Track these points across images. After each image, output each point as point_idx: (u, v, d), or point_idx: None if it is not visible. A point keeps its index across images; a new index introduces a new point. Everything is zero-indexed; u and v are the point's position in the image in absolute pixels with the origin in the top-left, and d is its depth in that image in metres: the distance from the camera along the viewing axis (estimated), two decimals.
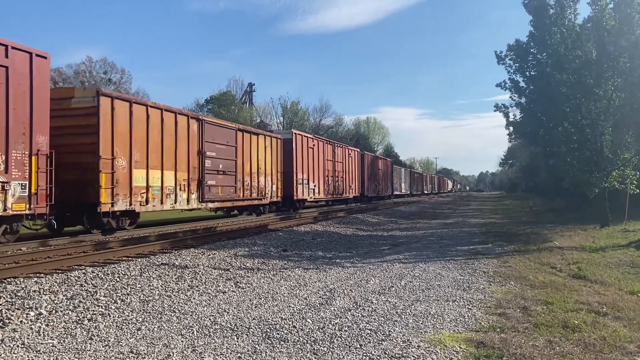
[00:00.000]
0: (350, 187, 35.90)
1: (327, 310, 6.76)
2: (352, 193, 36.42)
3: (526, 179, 63.74)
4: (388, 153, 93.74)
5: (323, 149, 30.14)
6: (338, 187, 32.83)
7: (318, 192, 28.95)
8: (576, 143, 18.52)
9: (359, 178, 38.44)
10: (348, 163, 35.24)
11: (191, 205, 17.11)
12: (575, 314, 6.62)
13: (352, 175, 36.26)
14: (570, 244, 14.40)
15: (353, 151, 37.33)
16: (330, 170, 31.33)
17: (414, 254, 12.55)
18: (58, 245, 11.72)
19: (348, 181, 35.21)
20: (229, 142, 19.59)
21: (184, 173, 16.63)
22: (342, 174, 33.75)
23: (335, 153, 32.56)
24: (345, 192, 34.62)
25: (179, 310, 6.63)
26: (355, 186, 37.41)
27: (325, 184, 30.18)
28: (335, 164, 32.38)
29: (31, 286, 7.14)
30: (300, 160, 26.47)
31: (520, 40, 19.85)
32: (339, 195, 33.06)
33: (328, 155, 31.08)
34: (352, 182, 36.36)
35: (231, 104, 60.63)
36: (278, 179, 24.16)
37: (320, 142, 29.88)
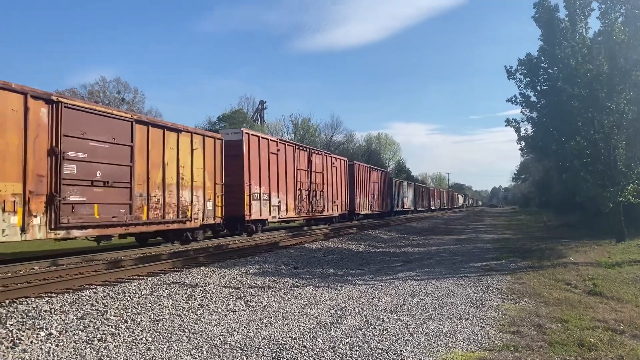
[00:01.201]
0: (335, 203, 30.20)
1: (338, 329, 6.68)
2: (337, 210, 30.84)
3: (539, 194, 63.07)
4: (400, 169, 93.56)
5: (293, 155, 24.48)
6: (316, 203, 27.03)
7: (286, 209, 23.24)
8: (589, 157, 18.35)
9: (346, 192, 32.65)
10: (331, 174, 29.73)
11: (32, 235, 10.90)
12: (592, 332, 6.48)
13: (336, 189, 30.63)
14: (585, 260, 14.18)
15: (338, 160, 31.68)
16: (304, 182, 25.69)
17: (426, 271, 12.42)
18: (70, 265, 11.76)
19: (331, 196, 29.55)
20: (119, 139, 13.60)
21: (15, 184, 10.56)
22: (322, 187, 27.98)
23: (312, 162, 26.91)
24: (327, 209, 28.85)
25: (189, 330, 6.60)
26: (342, 202, 31.78)
27: (297, 200, 24.50)
28: (313, 174, 26.76)
29: (42, 306, 7.15)
30: (256, 168, 20.68)
31: (531, 55, 19.82)
32: (317, 213, 27.34)
33: (301, 164, 25.40)
34: (337, 197, 30.74)
35: (243, 122, 61.03)
36: (217, 193, 18.02)
37: (288, 146, 24.34)
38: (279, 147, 23.10)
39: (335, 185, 30.42)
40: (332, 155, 30.94)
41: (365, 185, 37.56)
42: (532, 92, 20.06)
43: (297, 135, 66.33)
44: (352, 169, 34.64)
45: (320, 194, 27.78)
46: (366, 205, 37.78)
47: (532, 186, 70.11)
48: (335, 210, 30.52)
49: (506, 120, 20.67)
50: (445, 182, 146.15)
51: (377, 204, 41.03)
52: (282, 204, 22.94)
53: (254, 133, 21.68)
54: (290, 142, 25.75)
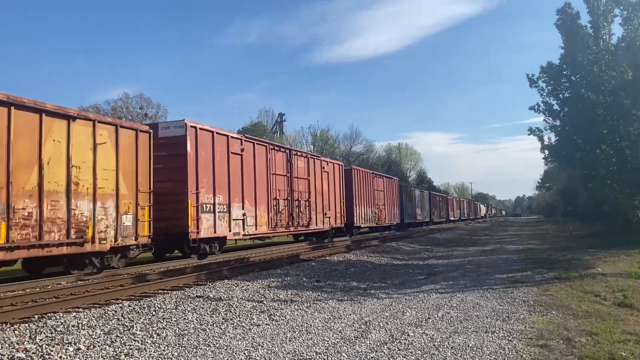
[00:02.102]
0: (326, 215, 25.63)
1: (363, 343, 6.64)
2: (330, 223, 26.19)
3: (564, 203, 61.99)
4: (421, 179, 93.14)
5: (267, 157, 20.22)
6: (299, 215, 22.72)
7: (255, 223, 18.94)
8: (616, 165, 18.05)
9: (341, 202, 28.08)
10: (321, 181, 25.32)
11: None
12: (623, 346, 6.33)
13: (328, 199, 26.07)
14: (614, 270, 13.86)
15: (331, 164, 27.36)
16: (282, 190, 21.32)
17: (451, 284, 12.28)
18: (96, 279, 11.93)
19: (321, 207, 25.05)
20: None
21: None
22: (308, 195, 23.46)
23: (294, 165, 22.62)
24: (316, 222, 24.33)
25: (214, 344, 6.62)
26: (336, 214, 27.19)
27: (271, 212, 20.19)
28: (295, 181, 22.54)
29: (70, 321, 7.25)
30: (209, 172, 16.42)
31: (553, 63, 19.66)
32: (301, 227, 22.89)
33: (277, 168, 21.06)
34: (330, 207, 26.20)
35: (262, 134, 61.52)
36: (140, 204, 13.69)
37: (259, 146, 19.86)
38: (244, 146, 18.71)
39: (327, 194, 25.87)
40: (323, 159, 26.65)
41: (367, 194, 33.01)
42: (555, 100, 19.91)
43: (317, 147, 66.55)
44: (350, 175, 30.22)
45: (305, 204, 23.24)
46: (368, 217, 33.05)
47: (557, 195, 68.98)
48: (327, 223, 25.85)
49: (529, 129, 20.54)
50: (468, 191, 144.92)
51: (382, 216, 36.11)
52: (250, 217, 18.61)
53: (205, 127, 16.66)
54: (262, 141, 20.95)
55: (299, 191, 22.90)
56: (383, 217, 36.13)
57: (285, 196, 21.56)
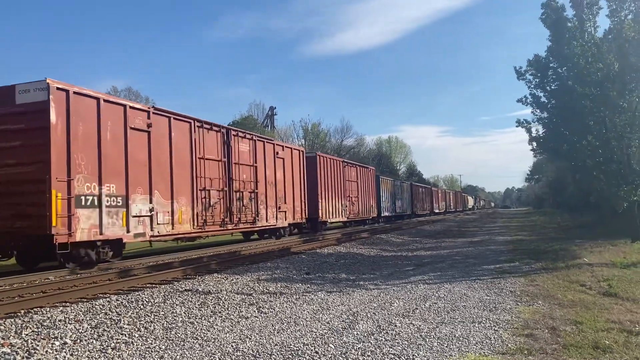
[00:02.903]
0: (281, 209, 21.64)
1: (350, 334, 6.68)
2: (286, 219, 22.28)
3: (553, 194, 62.63)
4: (411, 172, 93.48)
5: (190, 137, 16.09)
6: (242, 210, 18.66)
7: (171, 220, 14.83)
8: (602, 157, 18.18)
9: (302, 194, 24.06)
10: (274, 169, 21.34)
11: None
12: (606, 334, 6.42)
13: (284, 190, 22.16)
14: (600, 260, 14.04)
15: (288, 150, 23.31)
16: (216, 179, 17.24)
17: (438, 274, 12.37)
18: (84, 274, 11.87)
19: (273, 199, 21.07)
20: None
21: None
22: (253, 186, 19.47)
23: (234, 149, 18.38)
24: (266, 217, 20.42)
25: (202, 337, 6.63)
26: (297, 207, 23.38)
27: (198, 205, 16.08)
28: (235, 168, 18.34)
29: (57, 315, 7.23)
30: (93, 152, 12.36)
31: (540, 56, 19.72)
32: (243, 224, 18.88)
33: (206, 151, 16.83)
34: (286, 200, 22.26)
35: (253, 128, 61.36)
36: None
37: (177, 122, 15.51)
38: (154, 121, 14.37)
39: (281, 185, 21.97)
40: (277, 143, 22.76)
41: (337, 185, 29.21)
42: (542, 92, 19.95)
43: (308, 141, 66.47)
44: (314, 162, 26.18)
45: (250, 196, 19.24)
46: (338, 210, 29.30)
47: (546, 187, 69.61)
48: (282, 218, 21.93)
49: (517, 121, 20.59)
50: (457, 184, 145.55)
51: (355, 209, 32.55)
52: (162, 212, 14.46)
53: (86, 91, 12.38)
54: (184, 116, 15.98)
55: (242, 181, 18.72)
56: (356, 210, 32.81)
57: (221, 186, 17.37)
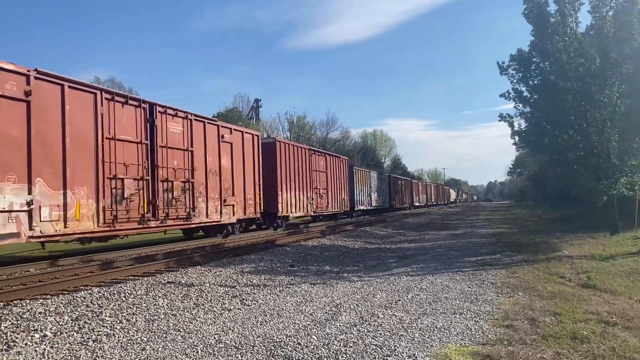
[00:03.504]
0: (226, 202, 18.40)
1: (333, 326, 6.71)
2: (234, 213, 19.05)
3: (535, 188, 63.30)
4: (396, 165, 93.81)
5: (95, 112, 12.96)
6: (171, 203, 15.43)
7: (63, 217, 11.80)
8: (583, 151, 18.45)
9: (255, 185, 20.74)
10: (217, 155, 18.07)
11: None
12: (584, 325, 6.53)
13: (232, 180, 18.95)
14: (579, 253, 14.25)
15: (238, 133, 19.82)
16: (135, 165, 14.16)
17: (421, 266, 12.47)
18: (66, 266, 11.75)
19: (217, 191, 17.92)
20: None
21: None
22: (188, 174, 16.29)
23: (160, 128, 15.21)
24: (204, 212, 17.10)
25: (184, 329, 6.61)
26: (249, 200, 20.18)
27: (105, 198, 13.01)
28: (161, 152, 15.19)
29: (37, 308, 7.15)
30: None
31: (523, 50, 19.85)
32: (173, 219, 15.61)
33: (120, 130, 13.70)
34: (234, 192, 19.00)
35: (238, 120, 61.04)
36: None
37: (72, 91, 12.34)
38: (34, 88, 11.29)
39: (228, 174, 18.79)
40: (222, 124, 18.90)
41: (302, 175, 25.91)
42: (525, 87, 20.11)
43: (293, 134, 66.34)
44: (272, 149, 22.99)
45: (184, 186, 16.10)
46: (303, 204, 25.89)
47: (528, 180, 70.33)
48: (230, 214, 18.77)
49: (500, 115, 20.78)
50: (441, 177, 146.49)
51: (324, 202, 29.33)
52: (49, 206, 11.49)
53: None
54: (84, 85, 12.87)
55: (171, 168, 15.59)
56: (325, 203, 29.54)
57: (140, 174, 14.26)
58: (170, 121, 15.81)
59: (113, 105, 13.59)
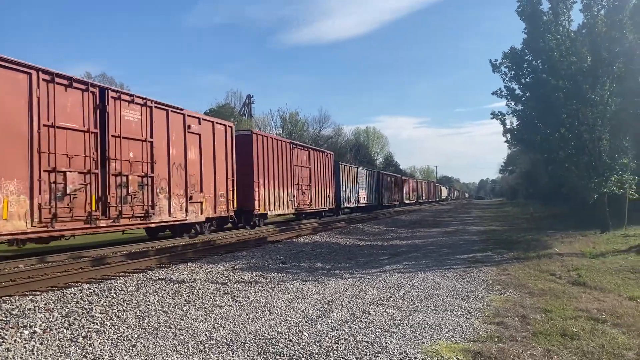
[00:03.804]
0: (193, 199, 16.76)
1: (324, 322, 6.71)
2: (203, 211, 17.44)
3: (526, 186, 63.69)
4: (388, 162, 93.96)
5: (30, 94, 11.30)
6: (125, 200, 13.85)
7: None
8: (574, 149, 18.55)
9: (228, 180, 19.24)
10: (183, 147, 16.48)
11: None
12: (574, 322, 6.57)
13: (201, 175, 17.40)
14: (570, 250, 14.35)
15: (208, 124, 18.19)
16: (81, 157, 12.54)
17: (413, 264, 12.50)
18: (56, 262, 11.68)
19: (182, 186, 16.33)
20: None
21: None
22: (147, 168, 14.74)
23: (113, 116, 13.63)
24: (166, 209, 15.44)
25: (175, 326, 6.58)
26: (221, 197, 18.57)
27: (41, 194, 11.39)
28: (115, 143, 13.64)
29: (26, 304, 7.09)
30: None
31: (515, 48, 19.92)
32: (127, 218, 13.97)
33: (60, 116, 12.03)
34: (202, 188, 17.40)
35: (230, 116, 60.81)
36: None
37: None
38: None
39: (196, 168, 17.19)
40: (189, 113, 17.00)
41: (282, 171, 24.41)
42: (517, 84, 20.20)
43: (285, 130, 66.24)
44: (248, 142, 21.25)
45: (142, 181, 14.49)
46: (283, 201, 24.43)
47: (519, 178, 70.77)
48: (197, 211, 17.15)
49: (492, 113, 20.85)
50: (433, 175, 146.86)
51: (306, 199, 27.63)
52: None
53: None
54: (14, 64, 11.01)
55: (127, 161, 14.00)
56: (308, 200, 27.80)
57: (88, 167, 12.63)
58: (126, 108, 14.15)
59: (53, 87, 11.85)
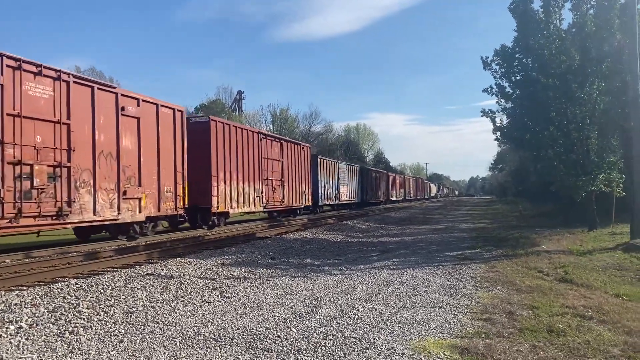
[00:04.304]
0: (126, 194, 14.14)
1: (313, 318, 6.71)
2: (140, 210, 14.82)
3: (516, 183, 64.06)
4: (378, 159, 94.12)
5: None
6: (32, 195, 11.31)
7: None
8: (562, 147, 18.67)
9: (178, 173, 16.62)
10: (115, 131, 13.97)
11: None
12: (561, 318, 6.62)
13: (139, 166, 14.86)
14: (557, 248, 14.46)
15: (149, 106, 15.47)
16: None
17: (402, 260, 12.53)
18: (43, 257, 11.58)
19: (113, 180, 13.83)
20: None
21: None
22: (63, 156, 12.22)
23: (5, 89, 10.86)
24: (90, 208, 12.95)
25: (163, 322, 6.56)
26: (165, 192, 15.95)
27: None
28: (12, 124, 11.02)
29: (12, 299, 7.03)
30: None
31: (506, 46, 19.99)
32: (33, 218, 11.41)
33: None
34: (140, 182, 14.82)
35: (221, 112, 60.55)
36: None
37: None
38: None
39: (134, 158, 14.72)
40: (123, 92, 14.51)
41: (248, 164, 21.85)
42: (507, 82, 20.26)
43: (276, 126, 66.11)
44: (205, 130, 18.84)
45: (53, 172, 11.98)
46: (249, 197, 21.80)
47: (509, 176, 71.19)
48: (134, 210, 14.59)
49: (482, 111, 20.93)
50: (423, 172, 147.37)
51: (277, 195, 25.10)
52: None
53: None
54: None
55: (31, 146, 11.48)
56: (279, 197, 25.32)
57: None
58: (30, 81, 11.58)
59: None
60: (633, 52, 14.78)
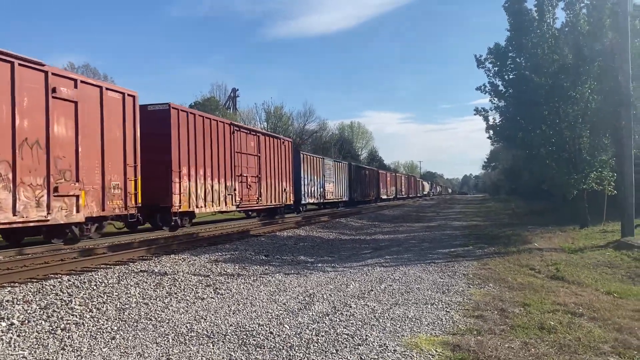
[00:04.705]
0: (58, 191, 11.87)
1: (305, 315, 6.73)
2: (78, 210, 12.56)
3: (509, 182, 64.39)
4: (372, 157, 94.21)
5: None
6: None
7: None
8: (555, 145, 18.76)
9: (127, 168, 14.41)
10: (41, 117, 11.57)
11: None
12: (552, 315, 6.67)
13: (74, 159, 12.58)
14: (549, 245, 14.54)
15: (92, 89, 13.32)
16: None
17: (395, 257, 12.57)
18: (36, 254, 11.53)
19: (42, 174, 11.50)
20: None
21: None
22: None
23: None
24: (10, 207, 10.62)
25: (156, 318, 6.55)
26: (113, 189, 13.84)
27: None
28: None
29: (4, 296, 7.00)
30: None
31: (500, 44, 20.06)
32: None
33: None
34: (74, 177, 12.51)
35: (215, 110, 60.37)
36: None
37: None
38: None
39: (71, 149, 12.57)
40: (55, 71, 12.27)
41: (218, 158, 19.76)
42: (501, 81, 20.33)
43: (270, 124, 66.00)
44: (165, 120, 16.81)
45: None
46: (219, 195, 19.72)
47: (502, 174, 71.54)
48: (70, 209, 12.38)
49: (475, 109, 21.01)
50: (417, 170, 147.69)
51: (253, 194, 22.99)
52: None
53: None
54: None
55: None
56: (255, 195, 23.19)
57: None
58: None
59: None
60: (625, 52, 14.87)
